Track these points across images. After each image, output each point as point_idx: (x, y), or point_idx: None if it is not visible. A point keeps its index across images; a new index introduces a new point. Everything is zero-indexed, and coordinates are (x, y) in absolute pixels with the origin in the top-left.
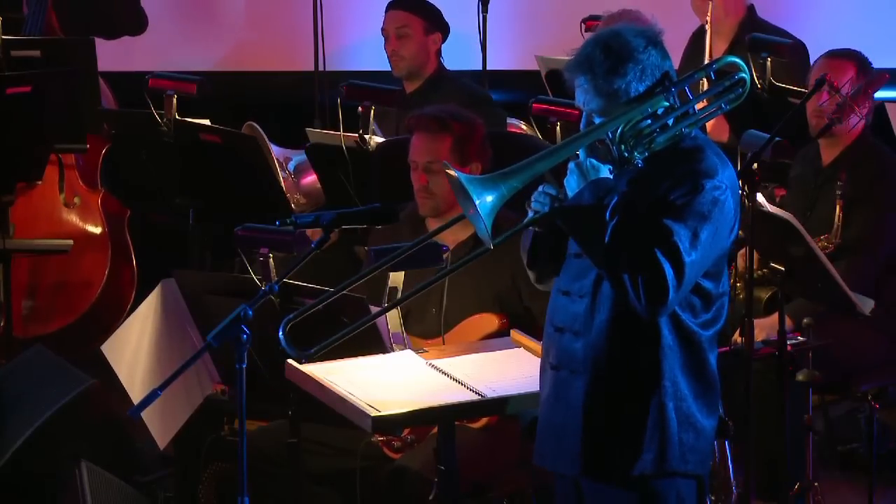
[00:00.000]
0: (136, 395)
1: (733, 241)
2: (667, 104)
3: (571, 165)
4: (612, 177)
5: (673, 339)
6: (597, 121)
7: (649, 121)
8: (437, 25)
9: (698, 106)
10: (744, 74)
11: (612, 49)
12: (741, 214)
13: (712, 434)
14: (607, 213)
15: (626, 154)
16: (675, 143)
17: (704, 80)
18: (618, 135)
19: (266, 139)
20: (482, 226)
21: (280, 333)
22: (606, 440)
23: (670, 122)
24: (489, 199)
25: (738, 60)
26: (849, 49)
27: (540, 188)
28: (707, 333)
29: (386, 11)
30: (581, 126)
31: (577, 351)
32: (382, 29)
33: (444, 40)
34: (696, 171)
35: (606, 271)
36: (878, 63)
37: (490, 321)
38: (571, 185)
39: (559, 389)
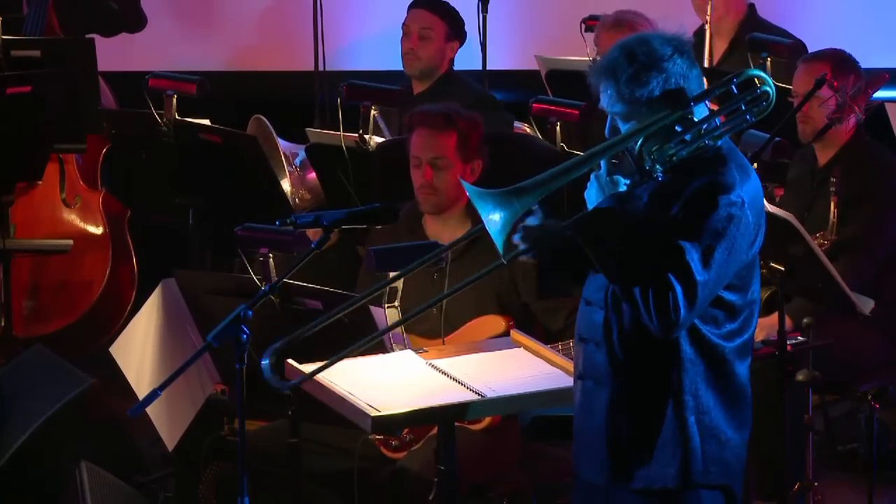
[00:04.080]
0: (143, 395)
1: (756, 253)
2: (691, 116)
3: (592, 177)
4: (630, 190)
5: (693, 352)
6: (620, 125)
7: (670, 134)
8: (458, 34)
9: (720, 119)
10: (767, 88)
11: (637, 56)
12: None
13: (741, 444)
14: (622, 229)
15: (647, 167)
16: (697, 155)
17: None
18: (638, 147)
19: (273, 133)
20: (495, 243)
21: (264, 362)
22: (630, 452)
23: (691, 135)
24: (496, 217)
25: (762, 74)
26: (823, 50)
27: (525, 222)
28: (731, 345)
29: (411, 8)
30: (606, 131)
31: (599, 362)
32: (404, 24)
33: (460, 47)
34: (713, 184)
35: (619, 288)
36: (878, 63)
37: (497, 323)
38: (591, 197)
39: (586, 399)
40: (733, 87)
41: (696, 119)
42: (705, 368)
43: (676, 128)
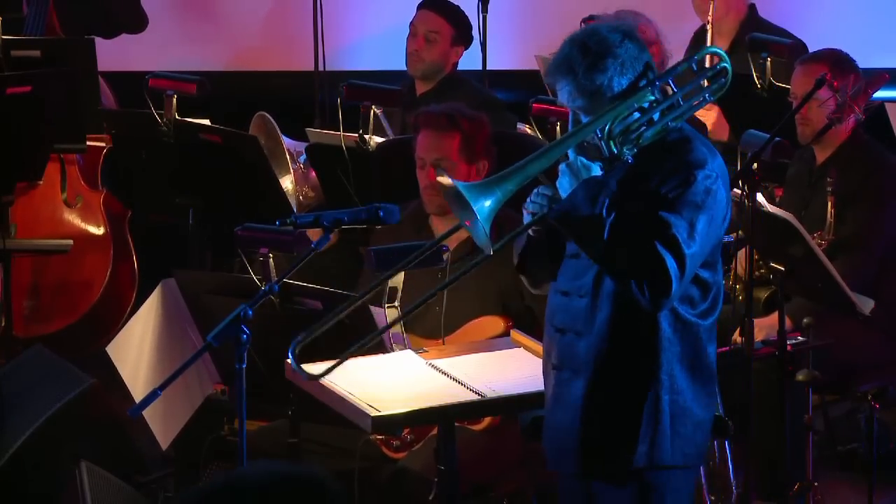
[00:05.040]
0: (138, 395)
1: (727, 230)
2: (652, 98)
3: (562, 167)
4: (602, 175)
5: (672, 331)
6: (584, 119)
7: (636, 115)
8: (465, 39)
9: (682, 98)
10: (726, 64)
11: (589, 46)
12: (741, 214)
13: (710, 426)
14: (603, 211)
15: (616, 150)
16: (662, 137)
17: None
18: (606, 132)
19: (278, 130)
20: (481, 232)
21: (290, 355)
22: (604, 438)
23: (657, 115)
24: (487, 204)
25: (719, 50)
26: (820, 51)
27: (536, 190)
28: (705, 323)
29: (420, 8)
30: (569, 126)
31: (579, 351)
32: (412, 24)
33: (464, 51)
34: (687, 162)
35: (608, 268)
36: (878, 63)
37: (496, 324)
38: (564, 185)
39: (561, 389)
40: (693, 65)
41: (659, 99)
42: (681, 348)
43: (644, 105)
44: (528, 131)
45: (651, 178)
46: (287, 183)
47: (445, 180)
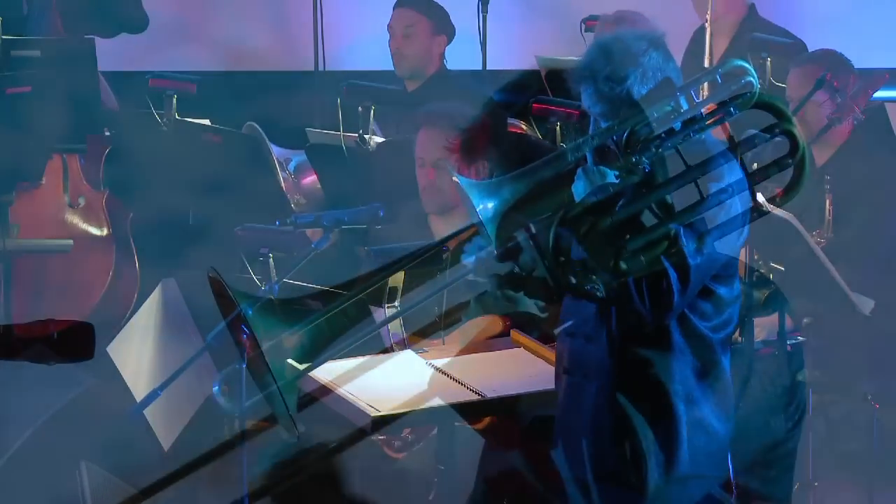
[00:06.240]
0: (140, 395)
1: (742, 244)
2: (671, 108)
3: (579, 171)
4: (618, 182)
5: (683, 342)
6: (603, 125)
7: (655, 125)
8: (444, 28)
9: (705, 110)
10: (751, 78)
11: (612, 54)
12: None
13: (727, 437)
14: (613, 217)
15: (633, 159)
16: (682, 148)
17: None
18: (624, 139)
19: (266, 140)
20: (484, 233)
21: (215, 388)
22: (617, 445)
23: (677, 126)
24: (490, 205)
25: (745, 64)
26: (815, 52)
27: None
28: (718, 336)
29: (394, 8)
30: (589, 130)
31: (588, 355)
32: (389, 25)
33: (448, 43)
34: (703, 174)
35: (611, 275)
36: (877, 63)
37: (494, 323)
38: (579, 190)
39: (572, 394)
40: (718, 77)
41: (681, 110)
42: (694, 359)
43: (663, 115)
44: (524, 128)
45: (665, 188)
46: None
47: (455, 179)
